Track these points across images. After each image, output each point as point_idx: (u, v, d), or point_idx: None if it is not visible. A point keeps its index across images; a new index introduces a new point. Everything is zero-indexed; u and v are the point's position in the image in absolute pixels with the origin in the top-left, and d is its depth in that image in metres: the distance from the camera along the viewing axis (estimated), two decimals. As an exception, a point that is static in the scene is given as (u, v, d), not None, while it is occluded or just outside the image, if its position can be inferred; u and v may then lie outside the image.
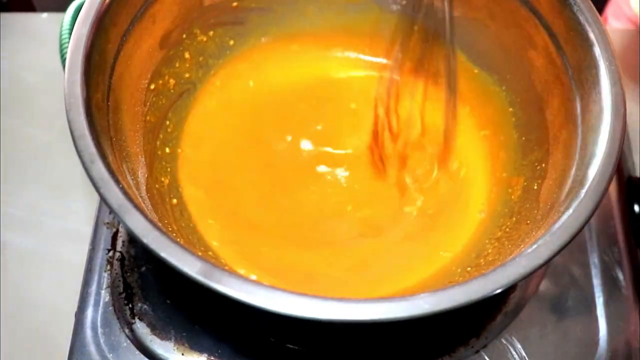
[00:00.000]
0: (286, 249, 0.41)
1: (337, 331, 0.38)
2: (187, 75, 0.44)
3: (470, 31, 0.44)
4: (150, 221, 0.29)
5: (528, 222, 0.36)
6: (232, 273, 0.28)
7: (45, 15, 0.61)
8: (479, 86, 0.45)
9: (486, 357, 0.38)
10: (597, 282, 0.40)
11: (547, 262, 0.29)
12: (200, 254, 0.29)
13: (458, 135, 0.45)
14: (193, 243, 0.38)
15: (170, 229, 0.36)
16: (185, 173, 0.42)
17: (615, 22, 0.66)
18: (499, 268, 0.29)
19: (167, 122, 0.43)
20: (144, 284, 0.40)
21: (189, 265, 0.28)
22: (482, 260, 0.37)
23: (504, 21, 0.42)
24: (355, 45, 0.49)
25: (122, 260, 0.41)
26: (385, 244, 0.41)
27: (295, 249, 0.41)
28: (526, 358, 0.38)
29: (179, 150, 0.43)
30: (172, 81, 0.43)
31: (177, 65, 0.43)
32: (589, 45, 0.35)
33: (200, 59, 0.45)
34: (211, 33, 0.45)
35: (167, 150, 0.42)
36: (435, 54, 0.45)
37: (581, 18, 0.36)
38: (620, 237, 0.42)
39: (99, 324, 0.38)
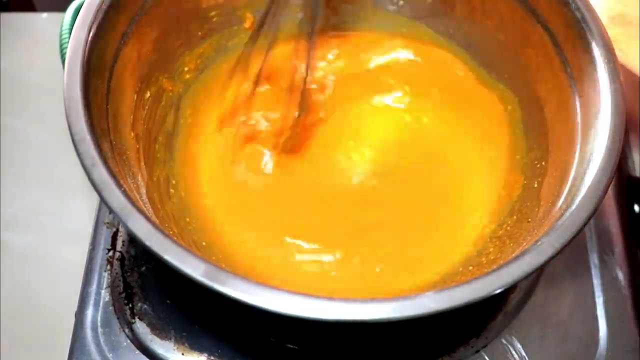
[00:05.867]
0: (290, 249, 0.41)
1: (337, 331, 0.38)
2: (186, 77, 0.44)
3: (468, 30, 0.44)
4: (153, 224, 0.29)
5: (529, 220, 0.36)
6: (236, 275, 0.28)
7: (45, 15, 0.61)
8: (478, 85, 0.45)
9: (486, 357, 0.38)
10: (597, 282, 0.40)
11: (550, 260, 0.29)
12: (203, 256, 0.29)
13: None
14: (196, 245, 0.38)
15: (171, 232, 0.36)
16: (186, 175, 0.42)
17: None
18: (503, 266, 0.29)
19: (167, 125, 0.43)
20: (144, 283, 0.40)
21: (193, 268, 0.28)
22: (484, 259, 0.37)
23: (502, 20, 0.42)
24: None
25: (122, 260, 0.41)
26: (386, 243, 0.41)
27: (299, 248, 0.41)
28: (526, 358, 0.38)
29: (179, 153, 0.43)
30: (170, 84, 0.43)
31: (175, 67, 0.43)
32: (587, 44, 0.36)
33: (199, 61, 0.45)
34: (209, 35, 0.45)
35: (167, 153, 0.42)
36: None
37: (579, 16, 0.36)
38: (620, 237, 0.42)
39: (99, 323, 0.38)
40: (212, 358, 0.38)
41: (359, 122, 0.46)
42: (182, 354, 0.38)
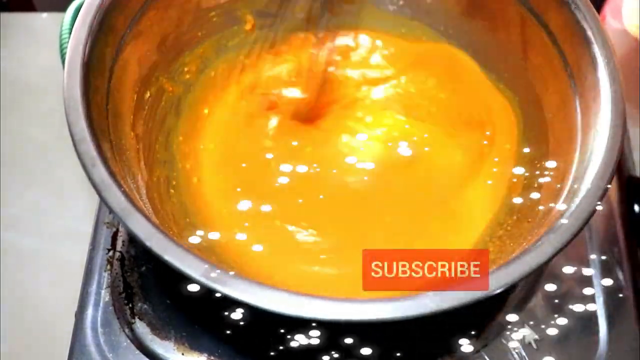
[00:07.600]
0: (290, 252, 0.41)
1: (337, 331, 0.38)
2: (185, 77, 0.44)
3: (467, 29, 0.44)
4: (153, 224, 0.29)
5: (529, 220, 0.36)
6: (237, 275, 0.28)
7: (45, 15, 0.61)
8: (477, 84, 0.45)
9: (486, 357, 0.38)
10: (597, 282, 0.40)
11: (550, 260, 0.29)
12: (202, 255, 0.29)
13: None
14: (196, 245, 0.38)
15: (171, 232, 0.36)
16: (185, 176, 0.42)
17: (613, 21, 0.66)
18: (502, 266, 0.29)
19: (166, 126, 0.43)
20: (144, 283, 0.40)
21: (194, 268, 0.28)
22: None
23: (502, 20, 0.42)
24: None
25: (122, 260, 0.41)
26: (384, 241, 0.41)
27: (301, 253, 0.40)
28: (526, 358, 0.38)
29: (179, 154, 0.43)
30: (170, 84, 0.43)
31: (175, 68, 0.43)
32: (587, 44, 0.36)
33: (199, 61, 0.45)
34: (209, 35, 0.45)
35: (167, 153, 0.42)
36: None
37: (579, 16, 0.36)
38: (620, 237, 0.42)
39: (99, 323, 0.38)
40: (212, 358, 0.38)
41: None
42: (182, 354, 0.38)
